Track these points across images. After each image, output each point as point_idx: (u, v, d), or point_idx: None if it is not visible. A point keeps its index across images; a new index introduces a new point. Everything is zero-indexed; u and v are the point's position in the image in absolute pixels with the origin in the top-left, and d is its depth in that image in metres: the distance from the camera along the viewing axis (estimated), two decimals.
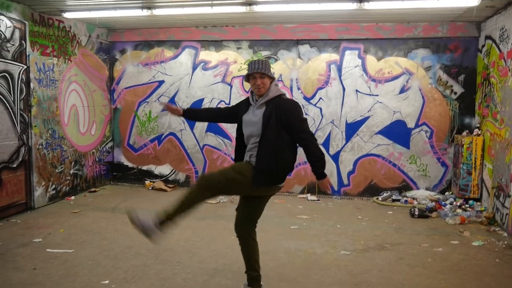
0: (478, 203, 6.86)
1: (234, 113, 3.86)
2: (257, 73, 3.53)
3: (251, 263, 3.72)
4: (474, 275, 4.39)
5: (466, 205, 6.80)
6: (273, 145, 3.46)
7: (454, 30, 7.24)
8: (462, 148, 6.90)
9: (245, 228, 3.70)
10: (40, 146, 6.78)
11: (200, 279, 4.23)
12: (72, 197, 7.46)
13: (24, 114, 6.47)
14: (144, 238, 3.47)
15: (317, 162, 3.57)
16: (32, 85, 6.56)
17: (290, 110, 3.51)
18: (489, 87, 6.69)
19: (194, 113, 4.30)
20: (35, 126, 6.66)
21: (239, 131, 3.73)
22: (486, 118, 6.78)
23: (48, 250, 4.95)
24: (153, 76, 8.40)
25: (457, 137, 7.23)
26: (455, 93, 7.40)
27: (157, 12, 6.48)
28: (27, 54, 6.46)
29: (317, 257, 4.82)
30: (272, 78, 3.61)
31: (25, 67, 6.45)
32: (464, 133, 7.19)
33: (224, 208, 6.95)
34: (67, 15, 6.87)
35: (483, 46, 7.01)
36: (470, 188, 6.91)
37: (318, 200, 7.56)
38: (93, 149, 8.18)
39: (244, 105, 3.78)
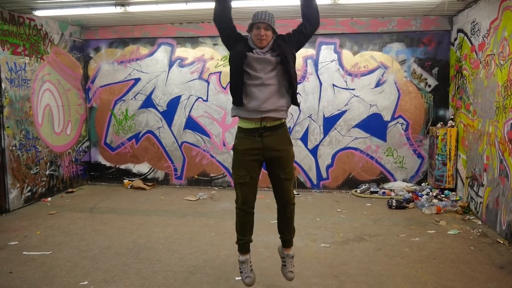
0: (453, 193, 7.02)
1: (233, 33, 3.63)
2: (263, 23, 3.42)
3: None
4: (450, 263, 4.50)
5: (442, 195, 6.95)
6: (294, 68, 3.59)
7: (427, 24, 7.37)
8: (437, 139, 7.04)
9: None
10: (14, 148, 6.63)
11: (181, 277, 4.21)
12: (49, 199, 7.32)
13: None
14: None
15: None
16: (3, 85, 6.40)
17: (285, 34, 3.62)
18: (461, 79, 6.83)
19: None
20: (8, 127, 6.50)
21: (240, 65, 3.51)
22: (460, 110, 6.93)
23: (24, 253, 4.85)
24: (129, 74, 8.30)
25: (432, 129, 7.37)
26: (429, 86, 7.54)
27: (131, 9, 6.39)
28: None
29: (297, 251, 4.83)
30: (275, 33, 3.53)
31: None
32: (439, 125, 7.34)
33: (204, 205, 6.94)
34: (38, 13, 6.71)
35: (455, 39, 7.16)
36: (445, 179, 7.07)
37: (298, 194, 7.60)
38: (69, 149, 8.04)
39: (245, 41, 3.59)
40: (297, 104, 3.67)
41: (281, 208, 3.75)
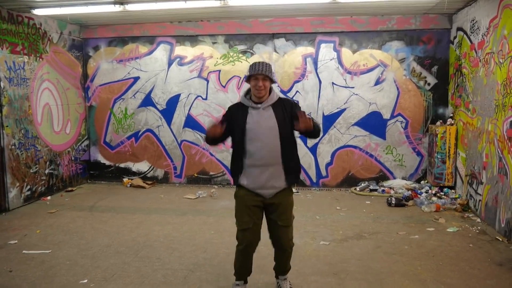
0: (453, 191, 7.02)
1: (228, 125, 3.56)
2: (260, 75, 3.44)
3: None
4: (449, 260, 4.51)
5: (441, 193, 6.96)
6: (292, 142, 3.58)
7: (427, 22, 7.36)
8: (436, 137, 7.04)
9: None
10: (13, 147, 6.63)
11: (180, 275, 4.22)
12: (48, 197, 7.32)
13: None
14: None
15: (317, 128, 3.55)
16: (2, 84, 6.39)
17: (295, 105, 3.63)
18: (461, 77, 6.83)
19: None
20: (7, 126, 6.50)
21: (239, 137, 3.52)
22: (459, 108, 6.93)
23: (24, 251, 4.85)
24: (128, 73, 8.29)
25: (431, 127, 7.37)
26: (429, 84, 7.54)
27: (129, 7, 6.38)
28: None
29: (296, 248, 4.82)
30: (273, 82, 3.57)
31: None
32: (438, 123, 7.34)
33: (203, 203, 6.94)
34: (36, 11, 6.71)
35: (455, 37, 7.15)
36: (445, 177, 7.07)
37: (297, 192, 7.61)
38: (68, 148, 8.04)
39: (237, 111, 3.57)
40: (297, 181, 3.73)
41: (277, 252, 3.75)
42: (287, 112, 3.53)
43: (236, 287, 3.84)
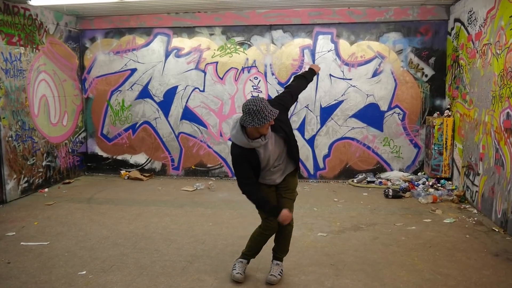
0: (449, 182, 7.06)
1: (252, 169, 3.65)
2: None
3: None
4: (445, 251, 4.54)
5: (438, 185, 6.99)
6: (294, 143, 3.82)
7: (424, 13, 7.35)
8: (434, 129, 7.06)
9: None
10: (10, 138, 6.61)
11: (179, 266, 4.24)
12: (46, 189, 7.31)
13: None
14: None
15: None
16: None
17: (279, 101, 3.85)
18: (458, 69, 6.84)
19: None
20: (4, 117, 6.47)
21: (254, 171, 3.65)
22: (456, 99, 6.94)
23: (22, 243, 4.86)
24: (125, 64, 8.25)
25: (428, 119, 7.39)
26: (426, 76, 7.54)
27: None
28: None
29: (294, 240, 4.85)
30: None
31: None
32: (435, 114, 7.35)
33: (201, 196, 6.94)
34: (33, 2, 6.65)
35: (452, 28, 7.14)
36: (442, 168, 7.10)
37: None
38: (65, 140, 8.02)
39: (247, 157, 3.55)
40: (298, 169, 3.98)
41: (279, 227, 3.83)
42: (281, 125, 3.64)
43: (240, 263, 3.96)
